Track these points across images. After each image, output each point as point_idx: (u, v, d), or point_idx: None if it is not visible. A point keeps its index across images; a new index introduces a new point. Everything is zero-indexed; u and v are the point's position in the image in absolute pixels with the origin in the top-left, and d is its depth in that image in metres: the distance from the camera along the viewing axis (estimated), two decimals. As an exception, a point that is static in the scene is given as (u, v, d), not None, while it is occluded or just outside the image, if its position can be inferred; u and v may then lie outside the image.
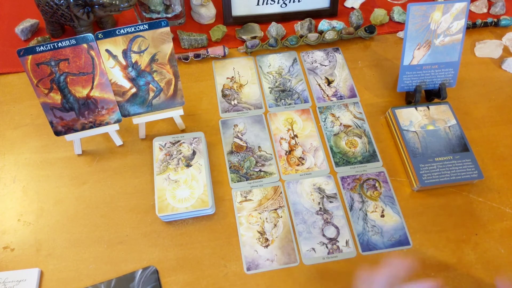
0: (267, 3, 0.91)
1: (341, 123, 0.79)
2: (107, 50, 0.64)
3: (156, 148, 0.72)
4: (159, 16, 0.89)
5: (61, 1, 0.79)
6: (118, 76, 0.67)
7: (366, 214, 0.69)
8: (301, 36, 0.90)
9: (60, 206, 0.70)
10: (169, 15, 0.90)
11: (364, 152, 0.76)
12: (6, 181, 0.72)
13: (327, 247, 0.66)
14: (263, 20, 0.93)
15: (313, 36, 0.89)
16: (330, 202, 0.70)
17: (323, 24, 0.91)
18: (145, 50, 0.65)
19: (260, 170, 0.73)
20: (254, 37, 0.90)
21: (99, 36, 0.63)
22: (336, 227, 0.68)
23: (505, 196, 0.71)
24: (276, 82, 0.85)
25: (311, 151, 0.76)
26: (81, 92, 0.66)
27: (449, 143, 0.73)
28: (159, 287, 0.62)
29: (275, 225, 0.68)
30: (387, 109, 0.80)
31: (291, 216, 0.69)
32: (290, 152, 0.76)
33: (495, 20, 0.93)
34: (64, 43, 0.62)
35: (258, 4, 0.91)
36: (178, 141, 0.73)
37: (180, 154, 0.71)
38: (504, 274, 0.64)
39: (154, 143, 0.72)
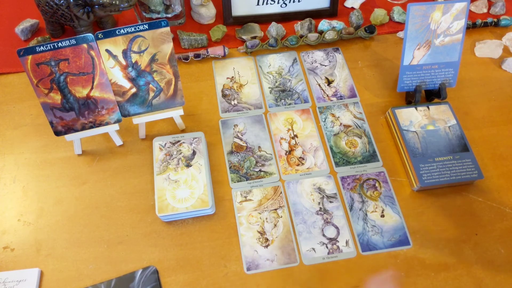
0: (267, 3, 0.91)
1: (341, 123, 0.79)
2: (107, 50, 0.64)
3: (156, 148, 0.72)
4: (159, 16, 0.89)
5: (61, 1, 0.79)
6: (118, 76, 0.67)
7: (366, 214, 0.69)
8: (301, 36, 0.90)
9: (60, 206, 0.70)
10: (169, 15, 0.90)
11: (364, 152, 0.76)
12: (6, 181, 0.72)
13: (327, 247, 0.66)
14: (263, 20, 0.93)
15: (313, 36, 0.89)
16: (330, 202, 0.70)
17: (323, 24, 0.91)
18: (145, 50, 0.65)
19: (260, 170, 0.73)
20: (254, 37, 0.90)
21: (99, 36, 0.63)
22: (336, 227, 0.68)
23: (505, 196, 0.71)
24: (276, 82, 0.85)
25: (311, 151, 0.76)
26: (81, 92, 0.66)
27: (449, 143, 0.73)
28: (159, 287, 0.62)
29: (275, 225, 0.68)
30: (387, 109, 0.80)
31: (291, 216, 0.69)
32: (290, 152, 0.76)
33: (495, 20, 0.93)
34: (64, 43, 0.62)
35: (258, 4, 0.91)
36: (178, 141, 0.73)
37: (180, 154, 0.71)
38: (504, 274, 0.64)
39: (154, 143, 0.72)
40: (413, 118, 0.76)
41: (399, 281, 0.63)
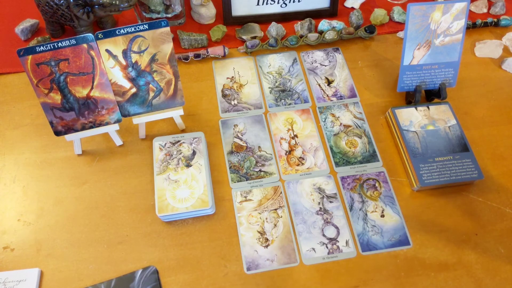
0: (267, 3, 0.91)
1: (341, 123, 0.79)
2: (107, 50, 0.64)
3: (156, 148, 0.72)
4: (159, 16, 0.89)
5: (61, 1, 0.79)
6: (118, 76, 0.67)
7: (366, 214, 0.69)
8: (301, 36, 0.90)
9: (60, 206, 0.70)
10: (169, 15, 0.90)
11: (364, 152, 0.76)
12: (6, 181, 0.72)
13: (327, 247, 0.66)
14: (263, 20, 0.93)
15: (313, 36, 0.89)
16: (330, 202, 0.70)
17: (323, 24, 0.91)
18: (145, 50, 0.65)
19: (260, 170, 0.73)
20: (254, 37, 0.90)
21: (99, 36, 0.63)
22: (336, 227, 0.68)
23: (505, 196, 0.71)
24: (276, 82, 0.85)
25: (311, 151, 0.76)
26: (81, 92, 0.66)
27: (449, 143, 0.73)
28: (159, 287, 0.62)
29: (275, 225, 0.68)
30: (387, 109, 0.80)
31: (291, 216, 0.69)
32: (290, 152, 0.76)
33: (495, 20, 0.93)
34: (64, 43, 0.62)
35: (258, 4, 0.91)
36: (178, 141, 0.73)
37: (180, 154, 0.71)
38: (504, 274, 0.64)
39: (154, 143, 0.72)
40: (413, 118, 0.76)
41: (399, 281, 0.63)
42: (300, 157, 0.75)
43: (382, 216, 0.69)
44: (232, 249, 0.66)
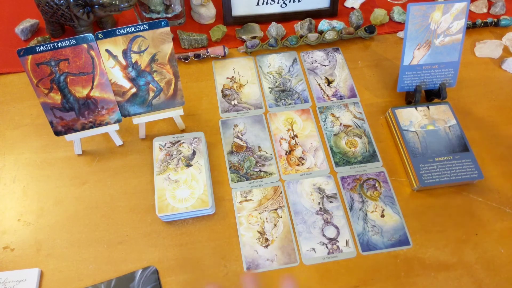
0: (267, 3, 0.91)
1: (341, 123, 0.79)
2: (107, 50, 0.64)
3: (156, 148, 0.72)
4: (159, 16, 0.89)
5: (61, 1, 0.79)
6: (118, 76, 0.67)
7: (366, 214, 0.69)
8: (301, 36, 0.90)
9: (60, 206, 0.70)
10: (169, 15, 0.90)
11: (364, 152, 0.76)
12: (6, 181, 0.72)
13: (327, 247, 0.66)
14: (263, 20, 0.93)
15: (313, 36, 0.89)
16: (330, 202, 0.70)
17: (323, 24, 0.91)
18: (145, 50, 0.65)
19: (260, 170, 0.73)
20: (254, 37, 0.90)
21: (99, 36, 0.63)
22: (336, 227, 0.68)
23: (505, 196, 0.71)
24: (276, 82, 0.85)
25: (311, 151, 0.76)
26: (81, 92, 0.66)
27: (449, 143, 0.73)
28: (159, 287, 0.62)
29: (275, 225, 0.68)
30: (387, 109, 0.80)
31: (291, 216, 0.69)
32: (290, 152, 0.76)
33: (495, 20, 0.93)
34: (64, 43, 0.62)
35: (258, 4, 0.91)
36: (178, 141, 0.73)
37: (180, 154, 0.71)
38: (504, 274, 0.64)
39: (154, 143, 0.72)
40: (413, 118, 0.76)
41: (399, 281, 0.63)
42: (300, 157, 0.75)
43: (382, 216, 0.69)
44: (232, 249, 0.66)
